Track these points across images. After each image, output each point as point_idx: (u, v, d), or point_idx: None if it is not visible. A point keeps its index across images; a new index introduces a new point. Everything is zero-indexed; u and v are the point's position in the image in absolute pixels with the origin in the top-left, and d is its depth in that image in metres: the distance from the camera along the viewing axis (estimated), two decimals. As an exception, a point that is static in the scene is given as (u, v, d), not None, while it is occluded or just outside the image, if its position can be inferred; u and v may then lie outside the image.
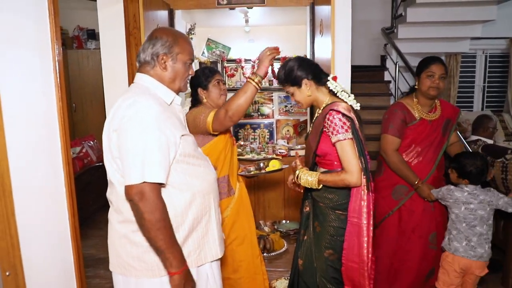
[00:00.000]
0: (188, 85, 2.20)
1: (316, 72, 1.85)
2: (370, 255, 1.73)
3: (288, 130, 4.70)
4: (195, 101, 2.22)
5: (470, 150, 3.26)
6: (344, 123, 1.70)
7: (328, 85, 1.84)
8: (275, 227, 3.94)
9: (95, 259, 3.43)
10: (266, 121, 4.71)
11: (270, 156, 4.19)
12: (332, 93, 1.86)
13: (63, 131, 1.71)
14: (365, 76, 5.36)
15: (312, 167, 1.93)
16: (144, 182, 1.27)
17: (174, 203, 1.39)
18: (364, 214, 1.72)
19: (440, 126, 2.41)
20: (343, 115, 1.71)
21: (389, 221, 2.51)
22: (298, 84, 1.84)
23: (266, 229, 3.83)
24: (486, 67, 6.04)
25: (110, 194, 1.46)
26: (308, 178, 1.80)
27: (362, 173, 1.71)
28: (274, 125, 4.71)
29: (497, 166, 3.11)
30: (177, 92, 1.54)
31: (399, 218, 2.48)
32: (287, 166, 2.39)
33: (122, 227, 1.42)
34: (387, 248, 2.52)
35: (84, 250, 3.43)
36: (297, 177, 1.85)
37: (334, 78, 1.86)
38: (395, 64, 5.01)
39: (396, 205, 2.47)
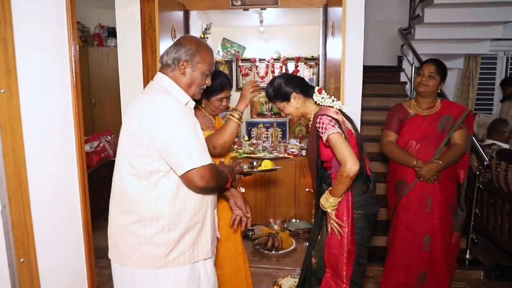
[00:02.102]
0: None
1: (303, 86, 1.98)
2: (348, 244, 1.86)
3: (300, 130, 4.72)
4: (196, 100, 2.27)
5: (484, 155, 3.22)
6: (331, 121, 1.79)
7: (314, 98, 1.96)
8: (285, 225, 3.97)
9: (107, 251, 3.54)
10: (279, 120, 4.74)
11: (281, 155, 4.24)
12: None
13: (78, 128, 1.80)
14: (381, 77, 5.31)
15: (318, 172, 2.00)
16: (199, 166, 1.38)
17: (174, 202, 1.45)
18: (345, 210, 1.85)
19: (436, 122, 2.45)
20: (330, 116, 1.81)
21: (394, 215, 2.58)
22: (287, 99, 1.96)
23: (276, 227, 3.87)
24: (507, 69, 5.91)
25: (113, 185, 1.54)
26: (323, 202, 1.88)
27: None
28: (287, 124, 4.73)
29: (511, 171, 3.07)
30: (192, 98, 1.61)
31: (396, 213, 2.54)
32: (279, 167, 2.46)
33: (121, 218, 1.50)
34: (390, 242, 2.61)
35: (99, 241, 3.54)
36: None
37: (319, 91, 1.98)
38: (411, 65, 4.95)
39: (397, 200, 2.53)
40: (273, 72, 4.61)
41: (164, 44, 2.67)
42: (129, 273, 1.51)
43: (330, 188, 1.86)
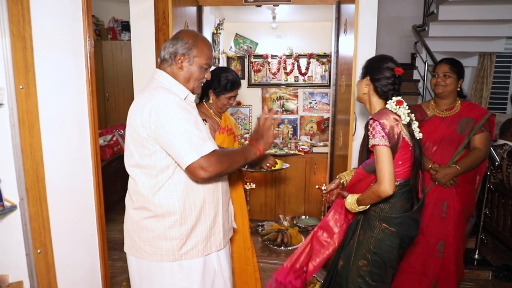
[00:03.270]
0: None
1: (384, 82, 1.80)
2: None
3: (311, 127, 4.72)
4: (204, 94, 2.29)
5: (496, 155, 3.19)
6: (383, 130, 1.68)
7: (387, 103, 1.79)
8: (294, 222, 4.00)
9: (121, 243, 3.58)
10: (291, 116, 4.75)
11: (292, 152, 4.25)
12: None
13: (93, 124, 1.84)
14: (393, 74, 5.28)
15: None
16: (198, 158, 1.38)
17: (184, 198, 1.48)
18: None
19: (455, 124, 2.36)
20: (383, 126, 1.68)
21: None
22: (363, 75, 1.89)
23: (285, 223, 3.90)
24: (523, 68, 5.81)
25: (129, 182, 1.58)
26: (348, 199, 1.81)
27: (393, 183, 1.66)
28: (298, 121, 4.73)
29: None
30: (191, 92, 1.61)
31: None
32: (288, 165, 2.44)
33: (136, 214, 1.54)
34: None
35: (112, 234, 3.62)
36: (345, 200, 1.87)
37: (399, 102, 1.77)
38: (425, 63, 4.90)
39: None
40: (285, 68, 4.60)
41: (177, 40, 2.69)
42: (146, 266, 1.55)
43: (358, 196, 1.77)
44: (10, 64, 1.33)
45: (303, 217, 4.19)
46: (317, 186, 4.07)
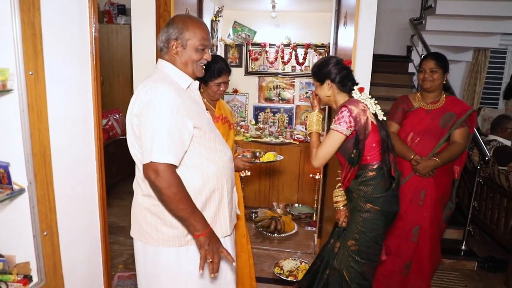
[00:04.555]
0: None
1: (344, 78, 1.95)
2: None
3: (307, 116, 4.76)
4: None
5: (486, 150, 3.28)
6: (350, 121, 1.82)
7: (352, 94, 1.94)
8: (288, 209, 4.08)
9: (116, 227, 3.67)
10: (287, 106, 4.79)
11: (287, 141, 4.31)
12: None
13: (97, 110, 1.87)
14: (389, 66, 5.32)
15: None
16: (157, 161, 1.37)
17: (187, 184, 1.49)
18: None
19: (438, 117, 2.48)
20: (351, 113, 1.82)
21: None
22: (321, 81, 1.98)
23: (279, 211, 3.98)
24: (516, 64, 5.90)
25: (136, 169, 1.60)
26: (313, 118, 2.05)
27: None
28: (294, 110, 4.78)
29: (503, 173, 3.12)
30: (192, 76, 1.60)
31: None
32: (281, 158, 2.49)
33: (144, 200, 1.56)
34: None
35: (108, 218, 3.67)
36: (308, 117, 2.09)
37: (360, 89, 1.94)
38: (420, 57, 4.96)
39: None
40: (282, 57, 4.63)
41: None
42: (151, 251, 1.59)
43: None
44: (20, 51, 1.35)
45: (296, 205, 4.28)
46: (311, 175, 4.14)
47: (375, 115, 1.91)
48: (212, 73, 2.18)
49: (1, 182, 1.40)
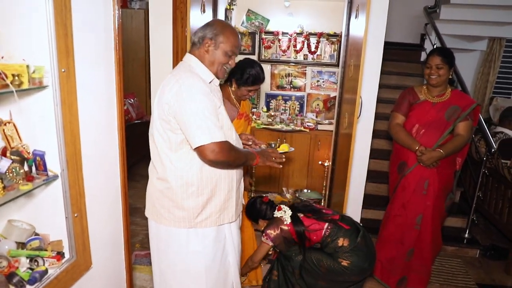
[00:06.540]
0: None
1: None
2: None
3: (318, 104, 4.86)
4: (228, 79, 2.44)
5: (492, 142, 3.34)
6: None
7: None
8: (297, 195, 4.21)
9: (132, 208, 3.85)
10: (298, 93, 4.87)
11: (298, 128, 4.41)
12: None
13: (119, 101, 2.00)
14: (401, 55, 5.34)
15: None
16: (206, 143, 1.53)
17: (202, 171, 1.66)
18: None
19: (443, 110, 2.55)
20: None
21: (393, 194, 2.76)
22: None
23: (288, 196, 4.12)
24: (531, 53, 5.84)
25: (152, 153, 1.76)
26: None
27: None
28: (305, 98, 4.87)
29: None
30: (215, 76, 1.76)
31: (396, 192, 2.72)
32: (293, 149, 2.60)
33: (158, 183, 1.73)
34: (386, 218, 2.82)
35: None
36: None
37: (278, 208, 2.48)
38: (433, 46, 4.97)
39: (398, 180, 2.71)
40: (295, 46, 4.69)
41: (193, 18, 2.79)
42: (164, 230, 1.77)
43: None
44: (54, 50, 1.48)
45: (305, 190, 4.41)
46: (320, 162, 4.26)
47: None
48: (246, 81, 2.30)
49: (38, 169, 1.55)
